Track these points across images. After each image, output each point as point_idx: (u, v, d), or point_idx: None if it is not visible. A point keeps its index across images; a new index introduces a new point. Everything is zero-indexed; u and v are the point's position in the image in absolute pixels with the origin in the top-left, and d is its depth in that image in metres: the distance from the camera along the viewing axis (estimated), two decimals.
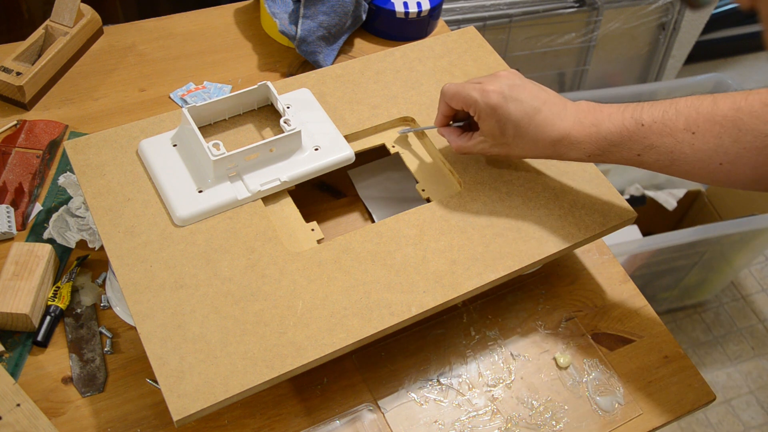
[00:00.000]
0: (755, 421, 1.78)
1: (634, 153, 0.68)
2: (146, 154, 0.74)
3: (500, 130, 0.70)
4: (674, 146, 0.66)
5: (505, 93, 0.69)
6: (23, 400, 0.66)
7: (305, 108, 0.80)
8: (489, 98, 0.69)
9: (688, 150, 0.66)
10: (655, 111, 0.67)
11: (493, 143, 0.72)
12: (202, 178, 0.72)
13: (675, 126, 0.66)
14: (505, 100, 0.69)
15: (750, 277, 2.06)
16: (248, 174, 0.73)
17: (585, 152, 0.70)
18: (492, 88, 0.70)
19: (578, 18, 1.77)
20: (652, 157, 0.67)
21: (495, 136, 0.71)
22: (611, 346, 0.81)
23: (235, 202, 0.72)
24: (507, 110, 0.69)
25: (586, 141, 0.69)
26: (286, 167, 0.75)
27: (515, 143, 0.71)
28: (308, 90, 0.82)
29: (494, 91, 0.69)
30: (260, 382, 0.61)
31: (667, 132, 0.66)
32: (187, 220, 0.70)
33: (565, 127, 0.69)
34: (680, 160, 0.66)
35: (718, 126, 0.64)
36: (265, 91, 0.79)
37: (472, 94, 0.70)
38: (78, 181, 0.73)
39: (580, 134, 0.69)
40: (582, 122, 0.69)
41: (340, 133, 0.78)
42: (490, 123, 0.70)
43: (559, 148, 0.70)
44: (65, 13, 0.96)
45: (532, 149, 0.71)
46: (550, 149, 0.71)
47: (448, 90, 0.73)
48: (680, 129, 0.65)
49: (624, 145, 0.68)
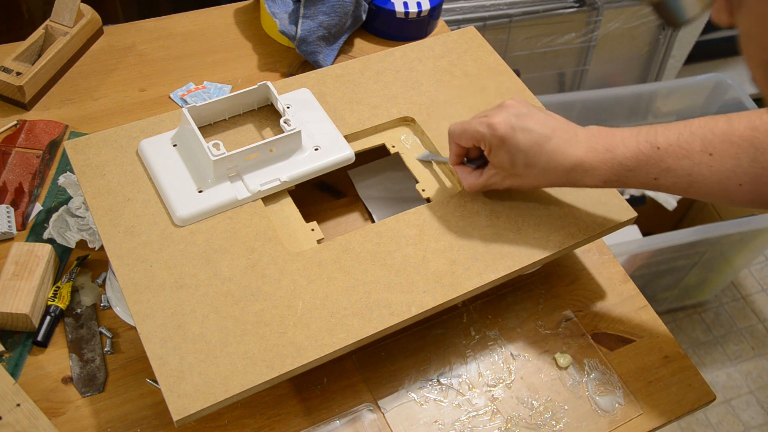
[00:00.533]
0: (755, 421, 1.78)
1: (651, 177, 0.66)
2: (146, 154, 0.74)
3: (510, 162, 0.69)
4: (692, 168, 0.64)
5: (513, 123, 0.68)
6: (23, 400, 0.66)
7: (305, 108, 0.80)
8: (496, 130, 0.68)
9: (706, 172, 0.64)
10: (669, 133, 0.65)
11: (504, 175, 0.71)
12: (202, 178, 0.72)
13: (691, 148, 0.64)
14: (513, 130, 0.67)
15: (750, 277, 2.06)
16: (248, 174, 0.73)
17: (600, 179, 0.68)
18: (498, 119, 0.68)
19: (578, 18, 1.77)
20: (670, 180, 0.66)
21: (506, 168, 0.70)
22: (611, 346, 0.81)
23: (235, 202, 0.72)
24: (516, 140, 0.68)
25: (601, 167, 0.67)
26: (286, 167, 0.75)
27: (527, 173, 0.69)
28: (308, 90, 0.82)
29: (501, 123, 0.68)
30: (260, 382, 0.61)
31: (683, 154, 0.64)
32: (187, 220, 0.70)
33: (578, 154, 0.68)
34: (699, 182, 0.65)
35: (735, 147, 0.63)
36: (265, 91, 0.79)
37: (479, 129, 0.69)
38: (78, 181, 0.73)
39: (595, 161, 0.67)
40: (595, 148, 0.67)
41: (340, 133, 0.78)
42: (500, 155, 0.69)
43: (573, 176, 0.69)
44: (65, 13, 0.96)
45: (544, 178, 0.70)
46: (563, 177, 0.69)
47: (455, 130, 0.72)
48: (697, 151, 0.64)
49: (641, 170, 0.66)
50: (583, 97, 1.70)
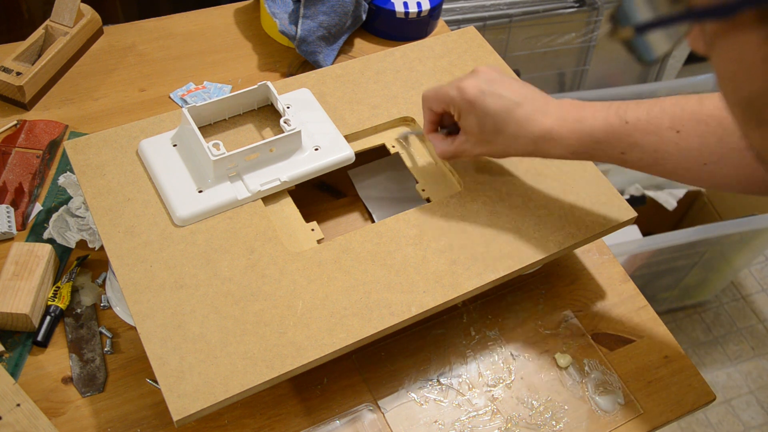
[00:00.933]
0: (755, 421, 1.78)
1: (618, 151, 0.67)
2: (146, 154, 0.74)
3: (479, 126, 0.69)
4: (658, 145, 0.65)
5: (483, 88, 0.68)
6: (23, 400, 0.66)
7: (305, 108, 0.80)
8: (466, 93, 0.68)
9: (672, 149, 0.64)
10: (640, 109, 0.66)
11: (474, 141, 0.71)
12: (202, 178, 0.72)
13: (660, 124, 0.64)
14: (482, 94, 0.68)
15: (750, 277, 2.06)
16: (248, 174, 0.73)
17: (568, 149, 0.68)
18: (468, 83, 0.69)
19: (578, 18, 1.77)
20: (636, 156, 0.66)
21: (475, 133, 0.70)
22: (611, 346, 0.81)
23: (235, 202, 0.71)
24: (485, 104, 0.68)
25: (570, 137, 0.67)
26: (286, 167, 0.75)
27: (495, 139, 0.70)
28: (308, 90, 0.82)
29: (471, 86, 0.68)
30: (260, 382, 0.61)
31: (651, 130, 0.65)
32: (187, 220, 0.70)
33: (548, 123, 0.68)
34: (664, 159, 0.65)
35: (703, 125, 0.63)
36: (265, 91, 0.79)
37: (450, 93, 0.70)
38: (78, 181, 0.73)
39: (564, 130, 0.67)
40: (565, 118, 0.68)
41: (340, 133, 0.78)
42: (469, 119, 0.69)
43: (541, 145, 0.69)
44: (65, 13, 0.95)
45: (513, 145, 0.70)
46: (531, 146, 0.69)
47: (427, 94, 0.73)
48: (665, 127, 0.64)
49: (608, 143, 0.66)
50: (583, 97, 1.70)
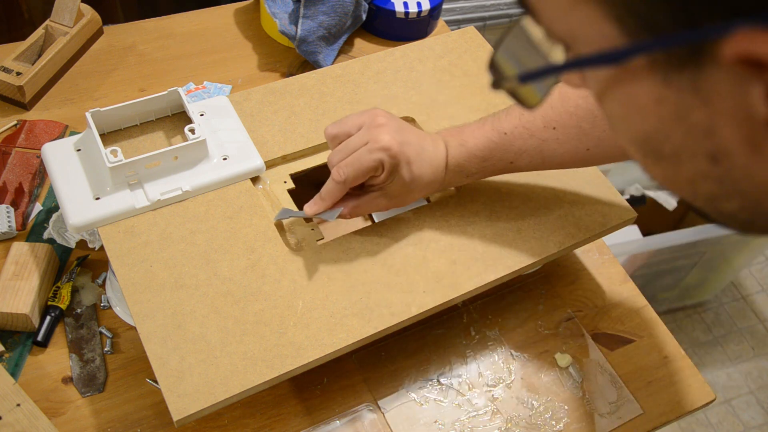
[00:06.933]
0: (755, 421, 1.78)
1: (507, 161, 0.69)
2: (48, 159, 0.72)
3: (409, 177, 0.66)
4: (541, 145, 0.67)
5: (398, 139, 0.65)
6: (23, 400, 0.66)
7: (220, 116, 0.78)
8: (392, 151, 0.64)
9: (554, 145, 0.67)
10: (512, 118, 0.68)
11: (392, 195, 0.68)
12: (102, 185, 0.70)
13: (535, 126, 0.67)
14: (401, 145, 0.65)
15: (750, 277, 2.06)
16: (150, 182, 0.71)
17: (465, 174, 0.70)
18: (386, 139, 0.64)
19: None
20: (525, 160, 0.69)
21: (400, 185, 0.67)
22: (611, 346, 0.81)
23: (132, 211, 0.69)
24: (407, 155, 0.65)
25: (464, 163, 0.69)
26: (190, 176, 0.72)
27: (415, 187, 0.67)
28: (226, 98, 0.80)
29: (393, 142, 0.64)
30: (260, 382, 0.61)
31: (529, 134, 0.67)
32: (80, 228, 0.68)
33: (444, 155, 0.68)
34: (551, 156, 0.68)
35: (575, 117, 0.66)
36: (176, 97, 0.76)
37: (376, 157, 0.64)
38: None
39: (458, 158, 0.68)
40: (453, 146, 0.69)
41: (252, 143, 0.76)
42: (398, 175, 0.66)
43: (448, 178, 0.69)
44: (65, 13, 0.96)
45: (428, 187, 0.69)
46: (439, 185, 0.69)
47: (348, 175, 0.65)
48: (540, 128, 0.67)
49: (495, 157, 0.68)
50: None
